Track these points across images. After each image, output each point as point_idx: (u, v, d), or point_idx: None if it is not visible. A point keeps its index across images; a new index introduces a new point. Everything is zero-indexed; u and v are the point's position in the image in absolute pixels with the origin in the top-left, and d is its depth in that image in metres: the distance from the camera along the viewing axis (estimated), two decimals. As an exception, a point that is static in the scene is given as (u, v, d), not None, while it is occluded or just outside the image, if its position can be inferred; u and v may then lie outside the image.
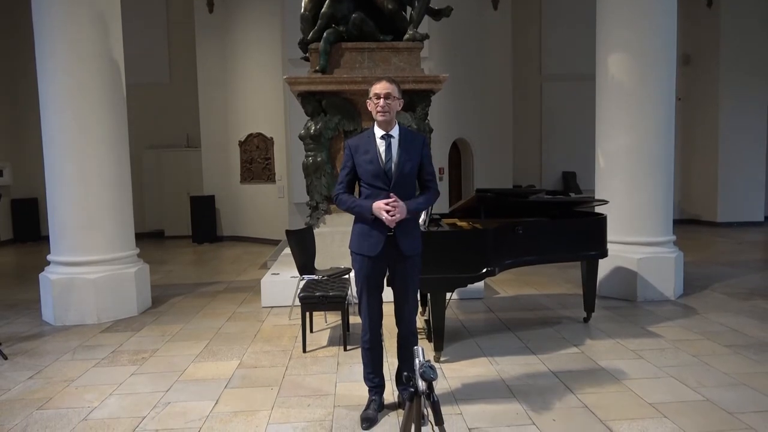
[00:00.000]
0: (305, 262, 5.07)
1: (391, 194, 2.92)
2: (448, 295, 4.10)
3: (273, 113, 10.13)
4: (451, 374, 3.76)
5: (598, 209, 5.35)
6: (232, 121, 10.92)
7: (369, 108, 3.05)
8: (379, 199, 2.94)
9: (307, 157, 6.04)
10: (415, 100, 5.95)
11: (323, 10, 5.98)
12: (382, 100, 2.95)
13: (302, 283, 4.77)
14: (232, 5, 10.64)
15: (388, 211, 2.90)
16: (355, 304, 4.85)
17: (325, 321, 5.12)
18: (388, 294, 3.13)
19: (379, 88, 2.97)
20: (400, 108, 3.08)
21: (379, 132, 3.04)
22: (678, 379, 3.61)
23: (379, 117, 2.99)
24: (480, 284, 5.75)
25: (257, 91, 10.36)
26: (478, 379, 3.67)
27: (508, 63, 11.66)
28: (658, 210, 5.70)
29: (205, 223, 11.01)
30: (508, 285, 6.48)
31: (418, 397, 1.99)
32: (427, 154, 3.11)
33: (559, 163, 12.49)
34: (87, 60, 5.22)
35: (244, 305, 5.86)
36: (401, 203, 2.92)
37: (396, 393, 3.34)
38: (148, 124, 11.52)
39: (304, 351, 4.29)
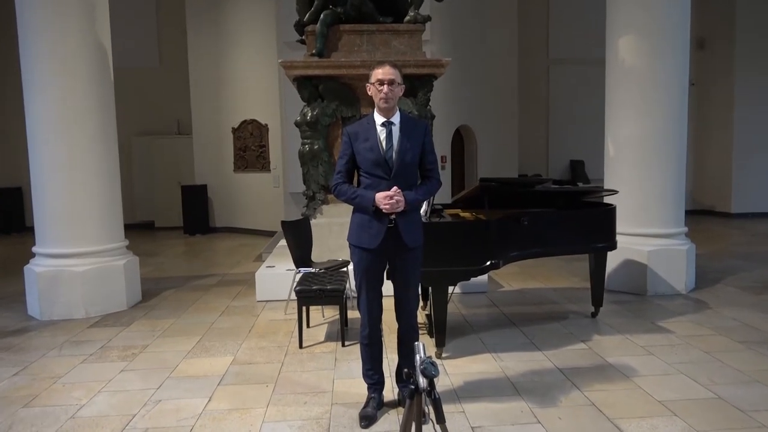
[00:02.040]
0: (301, 255, 5.07)
1: (395, 186, 2.90)
2: (450, 288, 4.10)
3: (268, 99, 10.09)
4: (453, 371, 3.77)
5: (607, 199, 5.35)
6: (225, 107, 10.87)
7: (369, 93, 3.03)
8: (380, 190, 2.93)
9: (303, 144, 6.02)
10: (417, 85, 5.92)
11: (320, -10, 5.94)
12: (385, 86, 2.93)
13: (298, 276, 4.77)
14: (224, -15, 10.58)
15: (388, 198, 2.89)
16: (353, 298, 4.86)
17: (323, 316, 5.13)
18: (387, 288, 3.13)
19: (382, 73, 2.94)
20: (401, 94, 3.06)
21: (379, 119, 3.02)
22: (689, 375, 3.62)
23: (382, 104, 2.97)
24: (483, 278, 5.76)
25: (251, 75, 10.31)
26: (481, 376, 3.68)
27: (513, 46, 11.60)
28: (669, 200, 5.69)
29: (197, 213, 10.99)
30: (513, 278, 6.50)
31: (418, 395, 2.00)
32: (429, 141, 3.10)
33: (566, 152, 12.47)
34: (72, 43, 5.19)
35: (238, 299, 5.87)
36: (403, 196, 2.91)
37: (396, 390, 3.35)
38: (137, 111, 11.48)
39: (301, 347, 4.30)
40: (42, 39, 5.13)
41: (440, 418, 1.98)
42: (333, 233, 5.78)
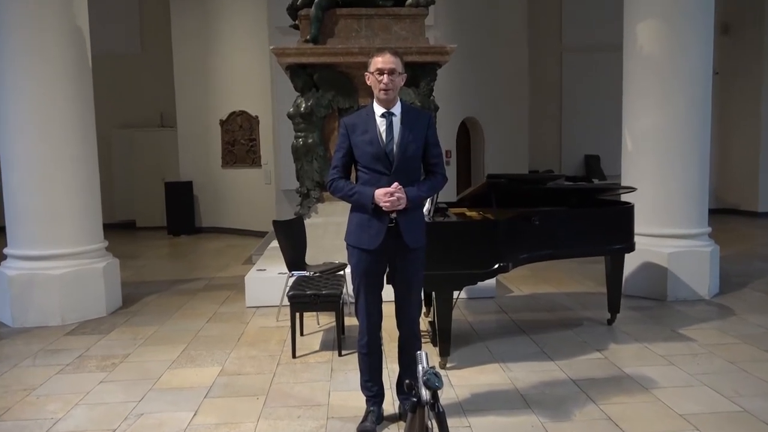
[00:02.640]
0: (295, 257, 5.07)
1: (395, 183, 2.90)
2: (455, 293, 4.10)
3: (258, 89, 10.09)
4: (458, 382, 3.78)
5: (624, 197, 5.35)
6: (213, 97, 10.86)
7: (368, 83, 3.03)
8: (380, 186, 2.93)
9: (296, 138, 6.02)
10: (419, 73, 5.92)
11: (315, -29, 5.93)
12: (385, 76, 2.93)
13: (291, 280, 4.77)
14: (211, -34, 10.56)
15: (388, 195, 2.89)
16: (351, 303, 4.86)
17: (318, 323, 5.13)
18: (388, 292, 3.13)
19: (382, 62, 2.95)
20: (402, 83, 3.06)
21: (379, 109, 3.02)
22: (712, 387, 3.63)
23: (381, 95, 2.97)
24: (491, 282, 5.76)
25: (240, 63, 10.30)
26: (488, 388, 3.69)
27: (523, 31, 11.60)
28: (691, 198, 5.70)
29: (181, 212, 10.98)
30: (523, 282, 6.50)
31: (421, 408, 2.00)
32: (433, 134, 3.10)
33: (580, 146, 12.46)
34: (47, 27, 5.18)
35: (226, 305, 5.87)
36: (404, 193, 2.91)
37: (396, 403, 3.35)
38: (117, 101, 11.45)
39: (294, 356, 4.30)
40: (14, 24, 5.12)
41: (445, 433, 1.98)
42: (329, 233, 5.78)
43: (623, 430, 3.12)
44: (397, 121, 3.00)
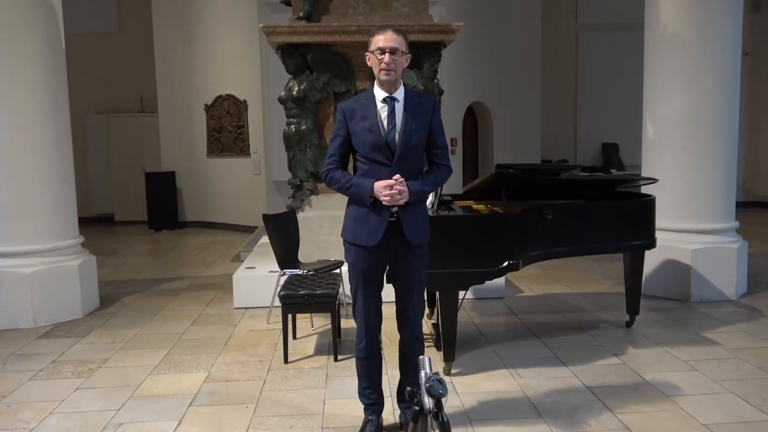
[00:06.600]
0: (287, 254, 5.08)
1: (397, 175, 2.90)
2: (461, 293, 4.12)
3: (247, 71, 10.08)
4: (464, 389, 3.80)
5: (644, 189, 5.35)
6: (197, 80, 10.86)
7: (369, 64, 3.03)
8: (380, 177, 2.93)
9: (288, 124, 6.02)
10: (422, 54, 5.91)
11: (308, -58, 5.92)
12: (387, 55, 2.93)
13: (283, 279, 4.78)
14: (195, -64, 10.54)
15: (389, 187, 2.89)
16: (348, 304, 4.87)
17: (312, 325, 5.15)
18: (388, 292, 3.14)
19: (384, 40, 2.94)
20: (406, 65, 3.06)
21: (380, 94, 3.02)
22: (739, 395, 3.64)
23: (383, 76, 2.96)
24: (500, 281, 5.78)
25: (228, 43, 10.29)
26: (496, 396, 3.71)
27: (536, 8, 11.58)
28: (718, 190, 5.70)
29: (163, 205, 11.00)
30: (535, 282, 6.52)
31: (424, 417, 2.01)
32: (438, 121, 3.10)
33: (598, 133, 12.46)
34: (15, 3, 5.16)
35: (212, 306, 5.89)
36: (405, 186, 2.91)
37: (397, 412, 3.38)
38: (92, 84, 11.45)
39: (286, 361, 4.32)
40: (-19, 0, 5.11)
41: (449, 444, 2.00)
42: (324, 228, 5.79)
43: (642, 441, 3.14)
44: (399, 107, 3.00)
